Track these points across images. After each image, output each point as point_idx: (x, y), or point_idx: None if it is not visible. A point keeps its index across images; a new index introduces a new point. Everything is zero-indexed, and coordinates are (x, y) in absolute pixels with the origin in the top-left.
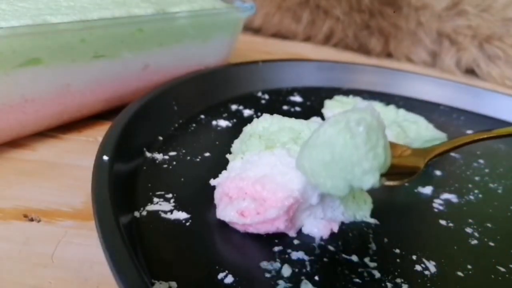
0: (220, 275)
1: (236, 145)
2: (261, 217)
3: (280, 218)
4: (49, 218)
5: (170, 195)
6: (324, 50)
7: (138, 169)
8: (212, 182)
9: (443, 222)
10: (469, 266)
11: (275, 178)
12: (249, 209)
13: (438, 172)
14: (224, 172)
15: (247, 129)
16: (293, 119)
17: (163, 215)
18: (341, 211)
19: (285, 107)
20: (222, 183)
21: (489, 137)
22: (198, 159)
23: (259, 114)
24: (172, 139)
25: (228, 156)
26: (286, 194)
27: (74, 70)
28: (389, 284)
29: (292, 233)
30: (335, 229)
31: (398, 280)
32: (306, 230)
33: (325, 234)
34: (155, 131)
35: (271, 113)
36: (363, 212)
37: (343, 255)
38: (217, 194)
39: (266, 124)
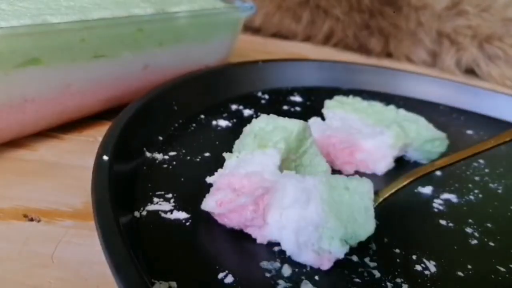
0: (220, 275)
1: (237, 145)
2: (232, 205)
3: (248, 206)
4: (49, 218)
5: (170, 195)
6: (324, 50)
7: (138, 169)
8: (208, 179)
9: (443, 222)
10: (469, 266)
11: (263, 175)
12: (226, 198)
13: (438, 172)
14: (219, 170)
15: (246, 129)
16: (286, 118)
17: (163, 215)
18: None
19: (285, 107)
20: (216, 180)
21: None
22: (198, 159)
23: (259, 114)
24: (172, 139)
25: (224, 154)
26: (259, 183)
27: (74, 70)
28: (389, 284)
29: (259, 236)
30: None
31: (398, 280)
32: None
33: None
34: (155, 131)
35: (271, 113)
36: None
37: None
38: (212, 191)
39: (263, 124)
